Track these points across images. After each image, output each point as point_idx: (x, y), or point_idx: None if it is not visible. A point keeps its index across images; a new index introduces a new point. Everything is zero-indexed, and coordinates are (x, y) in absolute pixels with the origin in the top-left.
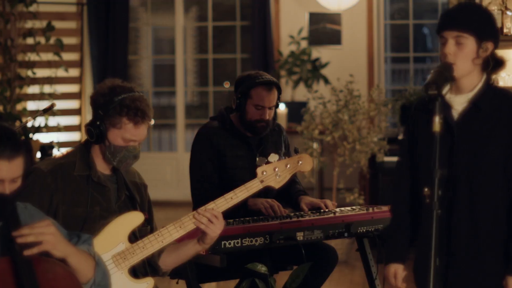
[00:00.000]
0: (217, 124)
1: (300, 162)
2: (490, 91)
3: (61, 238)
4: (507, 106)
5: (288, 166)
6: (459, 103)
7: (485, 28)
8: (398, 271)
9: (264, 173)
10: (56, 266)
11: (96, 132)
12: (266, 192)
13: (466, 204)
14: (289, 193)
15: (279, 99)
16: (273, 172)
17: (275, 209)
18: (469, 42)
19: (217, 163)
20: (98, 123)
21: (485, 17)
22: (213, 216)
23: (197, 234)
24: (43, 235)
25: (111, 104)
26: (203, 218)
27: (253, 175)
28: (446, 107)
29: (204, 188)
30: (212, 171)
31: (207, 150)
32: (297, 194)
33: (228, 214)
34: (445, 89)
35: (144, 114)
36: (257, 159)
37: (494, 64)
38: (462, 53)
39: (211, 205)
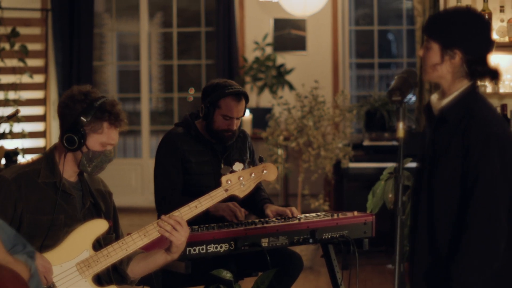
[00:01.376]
0: (182, 130)
1: (264, 171)
2: (464, 101)
3: None
4: (466, 122)
5: (253, 175)
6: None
7: (450, 36)
8: None
9: (229, 182)
10: (1, 269)
11: (78, 139)
12: (231, 198)
13: (424, 210)
14: (254, 200)
15: (246, 109)
16: (237, 181)
17: (237, 215)
18: (434, 48)
19: (182, 169)
20: (81, 129)
21: (453, 24)
22: (177, 223)
23: (166, 242)
24: None
25: (92, 109)
26: (167, 226)
27: (218, 182)
28: (430, 111)
29: (168, 195)
30: (176, 178)
31: (171, 156)
32: (262, 202)
33: (189, 219)
34: (409, 95)
35: (123, 117)
36: (222, 167)
37: (481, 72)
38: (427, 57)
39: (175, 213)
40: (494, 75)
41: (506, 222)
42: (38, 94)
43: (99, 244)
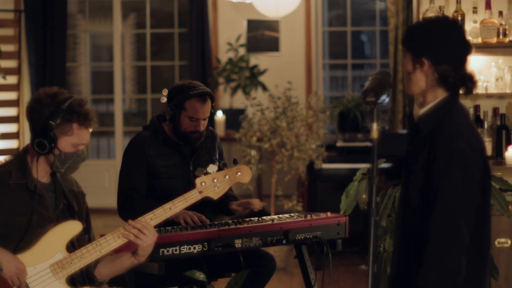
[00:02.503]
0: (149, 133)
1: (239, 173)
2: (439, 113)
3: None
4: (435, 135)
5: (227, 177)
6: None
7: (418, 45)
8: None
9: (203, 184)
10: None
11: (49, 144)
12: (204, 200)
13: (400, 216)
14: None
15: (213, 108)
16: (212, 183)
17: (195, 220)
18: (407, 58)
19: (150, 173)
20: (51, 134)
21: (422, 34)
22: (143, 227)
23: (136, 245)
24: None
25: (60, 112)
26: (133, 230)
27: (187, 184)
28: (412, 117)
29: (129, 198)
30: (139, 182)
31: (137, 160)
32: (228, 200)
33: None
34: (383, 96)
35: (92, 116)
36: (197, 169)
37: (453, 81)
38: (403, 67)
39: (149, 216)
40: (468, 84)
41: (467, 237)
42: (11, 96)
43: (72, 246)
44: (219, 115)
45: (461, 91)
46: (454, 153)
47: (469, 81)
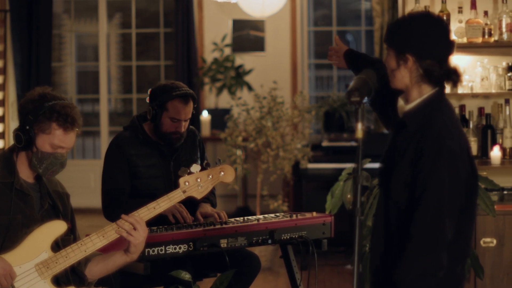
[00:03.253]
0: (130, 134)
1: (222, 173)
2: (426, 109)
3: None
4: (423, 131)
5: (211, 176)
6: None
7: (401, 41)
8: None
9: (187, 183)
10: None
11: (25, 137)
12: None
13: (381, 212)
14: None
15: (195, 110)
16: (195, 182)
17: (184, 215)
18: (391, 54)
19: (130, 173)
20: (27, 127)
21: (405, 30)
22: (136, 222)
23: (125, 244)
24: None
25: (41, 109)
26: (126, 225)
27: (168, 183)
28: (396, 113)
29: (113, 198)
30: (123, 181)
31: (118, 160)
32: (201, 200)
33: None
34: (367, 96)
35: (74, 120)
36: (181, 169)
37: (437, 76)
38: (387, 64)
39: (134, 214)
40: (453, 77)
41: (450, 236)
42: None
43: (57, 246)
44: (205, 115)
45: (446, 86)
46: (442, 151)
47: (454, 75)
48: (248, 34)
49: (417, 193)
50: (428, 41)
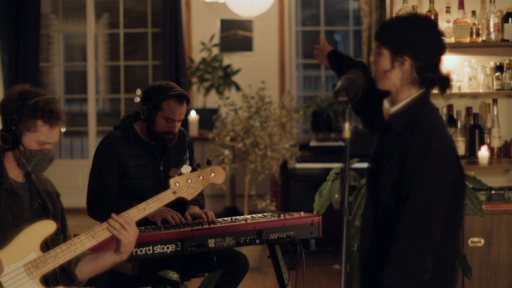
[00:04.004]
0: (120, 133)
1: (212, 174)
2: (411, 111)
3: None
4: (409, 133)
5: (201, 177)
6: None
7: (400, 42)
8: None
9: (177, 184)
10: None
11: (11, 137)
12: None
13: (370, 213)
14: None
15: (187, 111)
16: (186, 183)
17: (179, 217)
18: (385, 54)
19: (120, 173)
20: (13, 128)
21: (404, 31)
22: (126, 222)
23: (114, 244)
24: None
25: (25, 108)
26: (116, 224)
27: (157, 184)
28: (381, 115)
29: (99, 197)
30: (111, 180)
31: (108, 159)
32: (189, 202)
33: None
34: (354, 96)
35: (58, 115)
36: (171, 170)
37: (431, 79)
38: (378, 64)
39: (124, 214)
40: (444, 82)
41: (436, 238)
42: None
43: (46, 245)
44: (193, 115)
45: (435, 90)
46: (428, 153)
47: (446, 80)
48: (236, 34)
49: (404, 194)
50: (426, 44)
